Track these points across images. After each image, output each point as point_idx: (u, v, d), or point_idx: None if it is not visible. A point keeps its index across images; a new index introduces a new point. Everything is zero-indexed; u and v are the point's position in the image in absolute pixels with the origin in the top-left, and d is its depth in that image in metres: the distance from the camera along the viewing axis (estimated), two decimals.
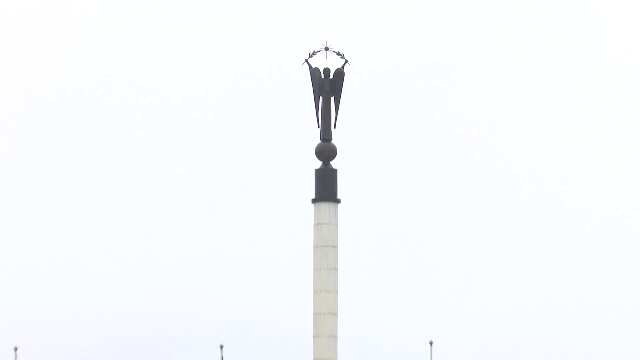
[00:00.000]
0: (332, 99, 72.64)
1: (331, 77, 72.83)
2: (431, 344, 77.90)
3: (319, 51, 72.95)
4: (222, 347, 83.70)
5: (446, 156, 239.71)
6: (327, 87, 72.69)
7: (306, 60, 73.01)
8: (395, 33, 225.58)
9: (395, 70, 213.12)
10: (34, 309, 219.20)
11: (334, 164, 73.42)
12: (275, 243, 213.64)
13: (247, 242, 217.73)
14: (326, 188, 72.83)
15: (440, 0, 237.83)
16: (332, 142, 72.79)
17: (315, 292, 73.19)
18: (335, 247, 72.80)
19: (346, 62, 72.45)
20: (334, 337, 73.23)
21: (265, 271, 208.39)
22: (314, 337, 73.16)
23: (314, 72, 72.53)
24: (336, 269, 72.98)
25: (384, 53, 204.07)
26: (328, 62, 73.30)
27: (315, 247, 73.04)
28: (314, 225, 73.16)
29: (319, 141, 73.00)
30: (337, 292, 73.43)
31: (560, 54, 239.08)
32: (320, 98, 72.57)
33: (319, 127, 72.91)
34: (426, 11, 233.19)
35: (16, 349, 77.91)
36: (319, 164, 73.13)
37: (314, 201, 72.96)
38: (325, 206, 72.56)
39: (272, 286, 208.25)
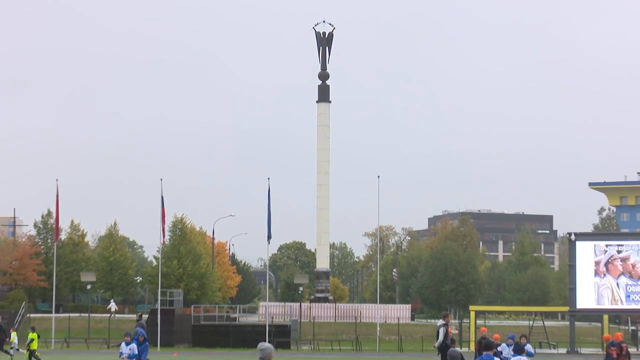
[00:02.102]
0: (327, 48, 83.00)
1: (326, 36, 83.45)
2: (378, 177, 79.13)
3: (320, 23, 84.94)
4: (269, 179, 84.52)
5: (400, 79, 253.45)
6: (324, 42, 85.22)
7: (313, 27, 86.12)
8: (364, 13, 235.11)
9: (360, 35, 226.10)
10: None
11: (328, 82, 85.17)
12: (297, 123, 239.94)
13: (283, 127, 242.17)
14: (323, 95, 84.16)
15: None
16: (327, 70, 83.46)
17: (318, 155, 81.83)
18: (328, 125, 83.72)
19: (334, 28, 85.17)
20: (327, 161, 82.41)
21: (291, 141, 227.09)
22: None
23: (317, 34, 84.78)
24: (328, 137, 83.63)
25: (354, 25, 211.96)
26: (324, 28, 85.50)
27: (317, 125, 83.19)
28: (317, 114, 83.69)
29: (319, 70, 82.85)
30: (329, 149, 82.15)
31: None
32: (320, 47, 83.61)
33: (319, 62, 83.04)
34: None
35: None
36: (319, 82, 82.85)
37: (317, 102, 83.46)
38: (323, 104, 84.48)
39: (296, 150, 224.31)
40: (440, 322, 30.70)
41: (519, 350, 22.55)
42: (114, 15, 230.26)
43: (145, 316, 47.45)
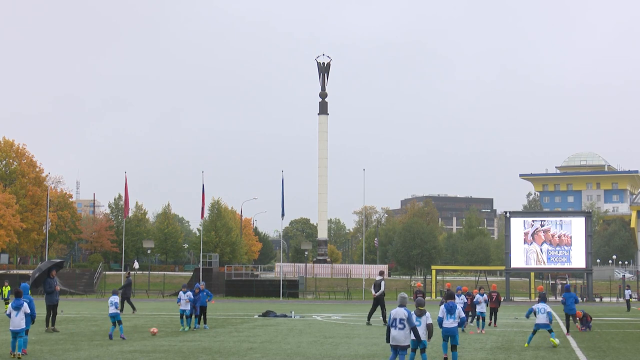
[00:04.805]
0: (325, 74, 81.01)
1: (325, 66, 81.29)
2: (364, 170, 73.25)
3: (320, 55, 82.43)
4: (282, 171, 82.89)
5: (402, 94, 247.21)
6: (323, 69, 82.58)
7: (315, 59, 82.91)
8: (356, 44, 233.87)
9: (352, 65, 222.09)
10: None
11: (326, 99, 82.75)
12: (303, 130, 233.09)
13: (293, 132, 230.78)
14: (323, 109, 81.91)
15: None
16: (325, 91, 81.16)
17: (319, 154, 79.39)
18: (326, 131, 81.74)
19: (331, 60, 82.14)
20: (326, 158, 79.84)
21: (299, 143, 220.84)
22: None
23: (319, 63, 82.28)
24: (326, 140, 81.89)
25: (345, 56, 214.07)
26: (323, 60, 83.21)
27: (319, 131, 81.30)
28: (318, 123, 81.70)
29: (320, 90, 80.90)
30: (327, 149, 79.87)
31: None
32: (320, 74, 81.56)
33: (320, 84, 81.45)
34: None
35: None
36: (320, 99, 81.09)
37: (318, 114, 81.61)
38: (323, 116, 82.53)
39: (302, 150, 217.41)
40: (379, 277, 27.09)
41: (543, 298, 18.93)
42: (191, 52, 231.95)
43: (131, 273, 45.84)
